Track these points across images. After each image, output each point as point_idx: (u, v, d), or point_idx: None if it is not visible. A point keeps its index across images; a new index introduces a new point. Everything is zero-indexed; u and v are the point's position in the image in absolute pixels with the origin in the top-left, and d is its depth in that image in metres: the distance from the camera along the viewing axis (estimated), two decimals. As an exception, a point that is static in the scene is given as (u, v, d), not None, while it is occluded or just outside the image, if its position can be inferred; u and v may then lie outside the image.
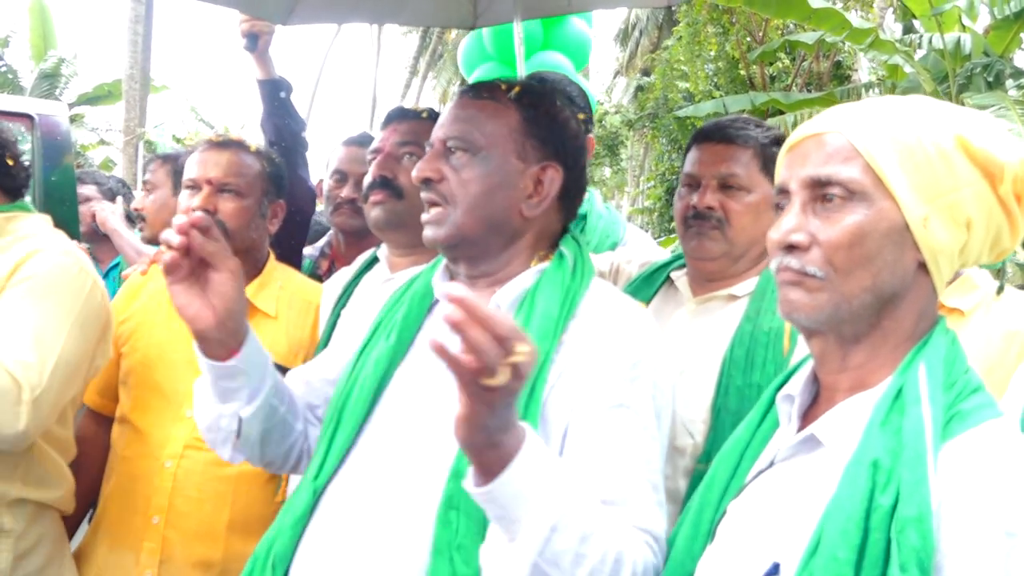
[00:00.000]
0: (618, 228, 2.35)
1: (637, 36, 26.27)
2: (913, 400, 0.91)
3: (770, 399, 1.11)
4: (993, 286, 1.65)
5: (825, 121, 0.99)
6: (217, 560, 1.81)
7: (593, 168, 23.27)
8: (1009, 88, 7.05)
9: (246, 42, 2.44)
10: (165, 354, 1.91)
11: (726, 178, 1.68)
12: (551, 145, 1.35)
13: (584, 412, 1.20)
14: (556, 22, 5.01)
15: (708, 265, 1.73)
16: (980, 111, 0.99)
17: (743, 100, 9.58)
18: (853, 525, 0.85)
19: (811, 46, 9.14)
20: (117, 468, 1.90)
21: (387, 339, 1.35)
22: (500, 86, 1.37)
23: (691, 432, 1.62)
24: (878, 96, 1.17)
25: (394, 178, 1.80)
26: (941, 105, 0.98)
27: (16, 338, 1.54)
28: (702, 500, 1.10)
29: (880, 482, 0.86)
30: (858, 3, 12.78)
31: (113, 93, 18.60)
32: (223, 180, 1.93)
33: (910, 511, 0.83)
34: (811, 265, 0.95)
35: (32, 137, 3.04)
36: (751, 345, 1.60)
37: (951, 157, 0.93)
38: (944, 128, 0.94)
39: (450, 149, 1.32)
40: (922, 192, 0.93)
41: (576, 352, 1.24)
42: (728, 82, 12.82)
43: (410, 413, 1.29)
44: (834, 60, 12.57)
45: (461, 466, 1.16)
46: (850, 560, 0.84)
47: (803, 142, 1.00)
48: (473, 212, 1.30)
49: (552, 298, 1.27)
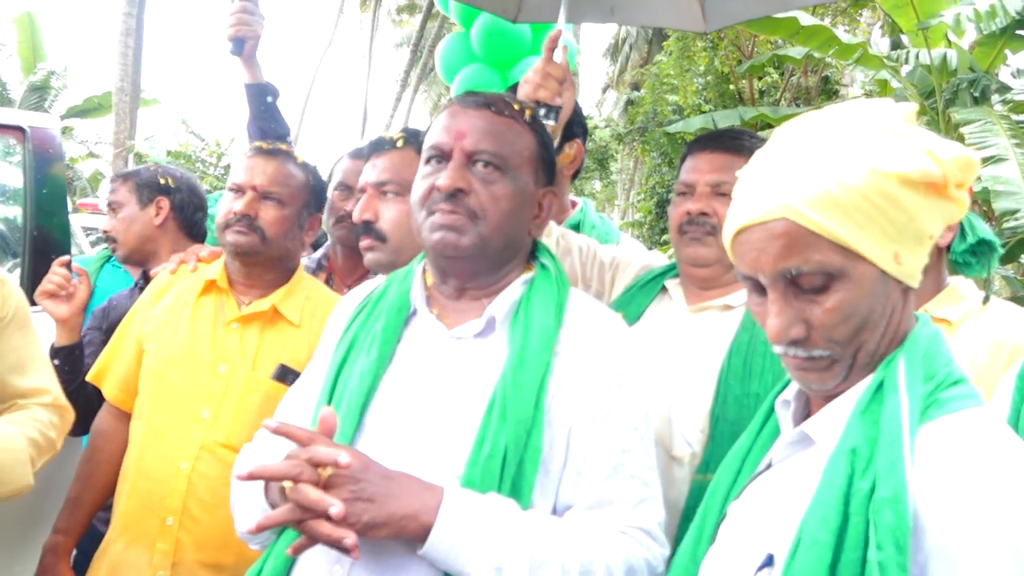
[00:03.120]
0: (611, 237, 2.36)
1: (627, 51, 26.40)
2: (891, 389, 0.92)
3: (770, 406, 1.13)
4: (979, 297, 1.67)
5: (760, 203, 0.95)
6: (229, 564, 1.82)
7: (583, 181, 23.33)
8: (995, 103, 7.13)
9: (232, 46, 2.44)
10: (186, 354, 1.93)
11: (719, 185, 1.71)
12: (551, 171, 1.42)
13: (579, 421, 1.26)
14: (542, 29, 4.87)
15: (702, 271, 1.75)
16: (899, 129, 0.95)
17: (732, 115, 9.63)
18: (832, 510, 0.87)
19: (799, 60, 9.21)
20: (133, 466, 1.91)
21: (368, 353, 1.35)
22: (514, 105, 1.39)
23: (689, 442, 1.63)
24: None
25: (376, 221, 1.75)
26: (863, 140, 0.94)
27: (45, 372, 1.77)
28: (706, 506, 1.13)
29: (859, 468, 0.88)
30: (846, 19, 12.90)
31: (103, 106, 18.58)
32: (267, 188, 1.96)
33: (885, 492, 0.85)
34: (816, 349, 0.96)
35: (23, 150, 3.03)
36: (748, 354, 1.61)
37: (898, 197, 0.92)
38: (881, 170, 0.91)
39: (476, 162, 1.32)
40: (885, 238, 0.93)
41: (570, 362, 1.30)
42: (717, 96, 12.90)
43: (404, 425, 1.28)
44: (822, 75, 12.67)
45: (473, 474, 1.20)
46: (829, 543, 0.86)
47: (749, 230, 0.97)
48: (501, 228, 1.32)
49: (546, 310, 1.31)
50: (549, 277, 1.37)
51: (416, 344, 1.36)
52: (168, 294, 2.06)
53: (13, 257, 3.25)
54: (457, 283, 1.37)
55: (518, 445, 1.20)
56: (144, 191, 2.62)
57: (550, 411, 1.25)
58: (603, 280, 1.91)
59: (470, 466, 1.20)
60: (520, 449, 1.20)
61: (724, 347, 1.65)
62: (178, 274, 2.11)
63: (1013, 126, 6.13)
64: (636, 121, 15.03)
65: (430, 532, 1.12)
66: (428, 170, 1.35)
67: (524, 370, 1.24)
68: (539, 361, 1.25)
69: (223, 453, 1.84)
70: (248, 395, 1.88)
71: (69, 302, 2.21)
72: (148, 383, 1.96)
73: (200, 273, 2.07)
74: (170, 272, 2.13)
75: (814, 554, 0.86)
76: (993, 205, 5.58)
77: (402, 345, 1.36)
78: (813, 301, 0.94)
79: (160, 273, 2.16)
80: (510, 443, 1.20)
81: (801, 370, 0.98)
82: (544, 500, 1.25)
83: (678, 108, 13.39)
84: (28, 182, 2.98)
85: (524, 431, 1.21)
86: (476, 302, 1.36)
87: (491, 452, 1.19)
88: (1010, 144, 5.85)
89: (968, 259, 1.70)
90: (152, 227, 2.60)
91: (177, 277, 2.10)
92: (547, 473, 1.24)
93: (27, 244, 2.97)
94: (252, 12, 2.43)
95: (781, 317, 0.96)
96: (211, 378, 1.90)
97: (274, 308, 1.97)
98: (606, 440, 1.25)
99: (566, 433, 1.26)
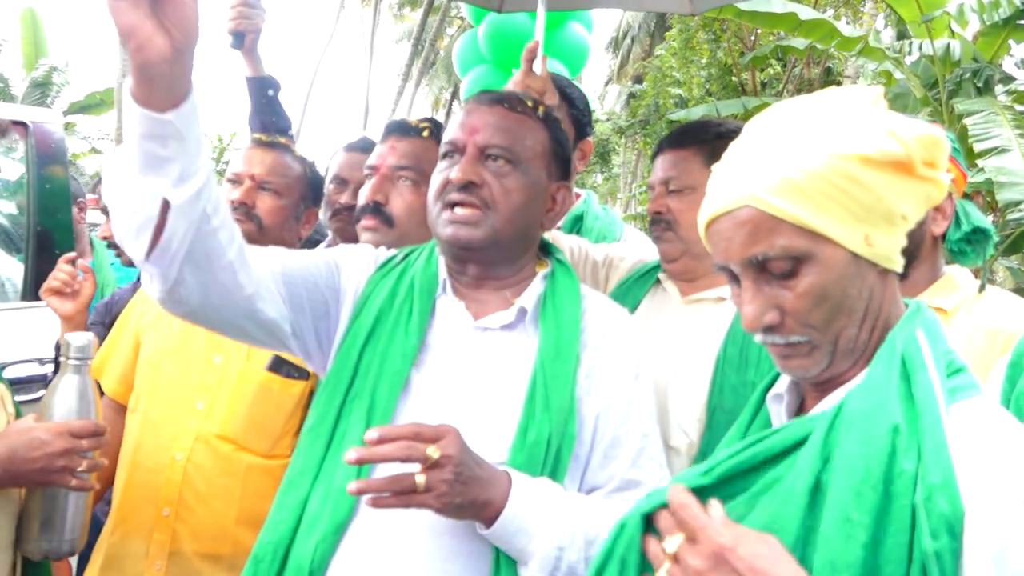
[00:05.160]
0: (615, 228, 2.37)
1: (629, 44, 26.31)
2: (919, 365, 0.92)
3: (759, 399, 1.13)
4: (975, 285, 1.67)
5: (726, 193, 0.97)
6: (226, 554, 1.83)
7: (585, 175, 23.30)
8: (998, 93, 7.10)
9: (232, 40, 2.44)
10: (181, 346, 1.94)
11: (668, 181, 1.76)
12: (565, 166, 1.47)
13: (605, 409, 1.34)
14: (556, 25, 4.81)
15: (673, 266, 1.79)
16: (855, 112, 0.96)
17: (735, 105, 9.62)
18: (869, 488, 0.85)
19: (802, 51, 9.19)
20: (130, 458, 1.92)
21: (403, 337, 1.34)
22: (529, 103, 1.44)
23: (686, 431, 1.64)
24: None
25: (386, 203, 1.75)
26: (822, 123, 0.95)
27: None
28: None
29: (900, 447, 0.86)
30: (849, 10, 12.86)
31: (105, 101, 18.59)
32: (265, 177, 1.99)
33: (936, 478, 0.83)
34: (793, 335, 0.97)
35: (26, 145, 3.04)
36: (744, 343, 1.62)
37: (859, 177, 0.92)
38: (840, 152, 0.92)
39: (488, 156, 1.37)
40: (853, 220, 0.93)
41: (595, 353, 1.37)
42: (720, 88, 12.89)
43: (441, 413, 1.28)
44: (825, 66, 12.64)
45: (518, 459, 1.25)
46: (865, 523, 0.84)
47: (718, 220, 0.98)
48: (512, 220, 1.37)
49: (572, 303, 1.38)
50: (568, 272, 1.44)
51: (444, 332, 1.38)
52: None
53: (17, 252, 3.26)
54: (476, 272, 1.41)
55: (559, 432, 1.27)
56: None
57: (580, 400, 1.33)
58: (597, 279, 1.93)
59: (515, 452, 1.26)
60: (560, 436, 1.28)
61: (719, 337, 1.66)
62: None
63: (1017, 116, 6.10)
64: (638, 114, 15.00)
65: (499, 514, 1.19)
66: (444, 165, 1.41)
67: (560, 360, 1.32)
68: (571, 352, 1.33)
69: (218, 444, 1.85)
70: (243, 386, 1.89)
71: (74, 299, 2.22)
72: (144, 375, 1.97)
73: None
74: None
75: (846, 531, 0.84)
76: (997, 196, 5.55)
77: (430, 332, 1.38)
78: (785, 286, 0.95)
79: None
80: (553, 430, 1.27)
81: (783, 357, 0.99)
82: (572, 484, 1.32)
83: (681, 100, 13.37)
84: (30, 178, 3.00)
85: (563, 419, 1.28)
86: (498, 293, 1.41)
87: (536, 439, 1.26)
88: (1014, 135, 5.82)
89: (964, 247, 1.70)
90: None
91: None
92: (576, 458, 1.32)
93: (30, 239, 2.98)
94: (253, 6, 2.44)
95: (754, 304, 0.97)
96: (206, 369, 1.92)
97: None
98: (631, 426, 1.33)
99: (593, 420, 1.33)
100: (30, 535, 1.56)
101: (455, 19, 23.78)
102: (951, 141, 1.67)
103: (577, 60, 5.11)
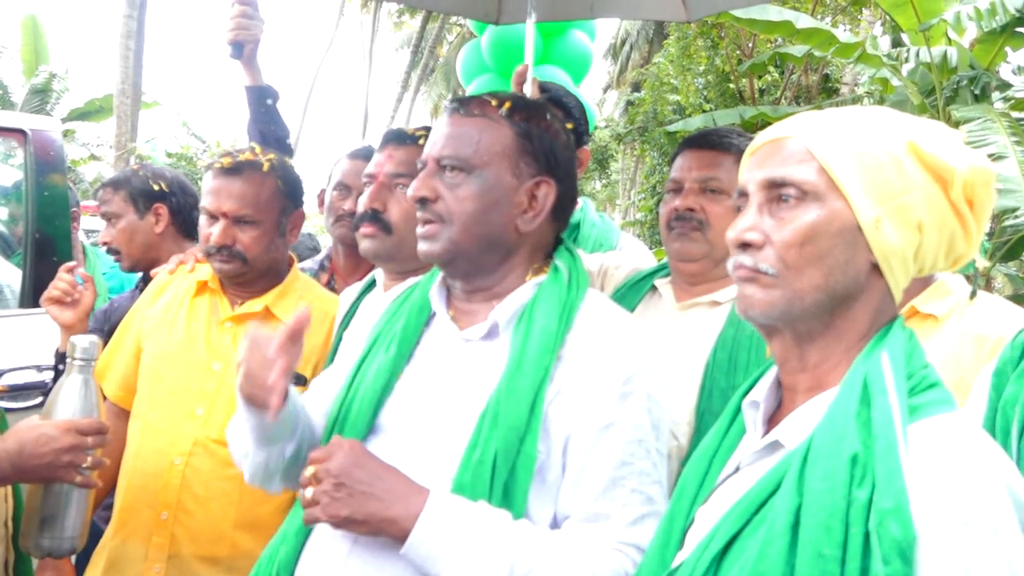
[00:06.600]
0: (611, 236, 2.37)
1: (627, 51, 26.39)
2: (879, 391, 0.91)
3: (736, 406, 1.11)
4: (967, 292, 1.67)
5: (785, 127, 1.02)
6: (223, 557, 1.85)
7: (583, 181, 23.31)
8: (995, 100, 7.12)
9: (231, 50, 2.45)
10: (181, 352, 1.96)
11: (707, 181, 1.74)
12: (544, 160, 1.36)
13: (577, 430, 1.24)
14: (558, 34, 4.86)
15: (690, 267, 1.77)
16: (934, 122, 1.02)
17: (732, 114, 9.63)
18: (837, 521, 0.85)
19: (800, 59, 9.22)
20: (130, 463, 1.94)
21: (387, 351, 1.37)
22: (490, 102, 1.36)
23: (676, 435, 1.64)
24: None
25: (384, 211, 1.78)
26: (898, 115, 1.01)
27: None
28: (673, 509, 1.10)
29: (857, 476, 0.86)
30: (846, 18, 12.89)
31: (104, 108, 18.58)
32: (237, 212, 1.94)
33: (887, 503, 0.83)
34: (764, 263, 0.97)
35: (25, 152, 3.04)
36: (734, 348, 1.62)
37: (902, 161, 0.96)
38: (897, 134, 0.97)
39: (443, 167, 1.33)
40: (874, 194, 0.95)
41: (573, 367, 1.27)
42: (718, 95, 12.89)
43: (412, 424, 1.30)
44: (822, 73, 12.67)
45: (463, 479, 1.20)
46: (836, 556, 0.83)
47: (763, 147, 1.03)
48: (469, 230, 1.32)
49: (550, 313, 1.29)
50: (559, 279, 1.34)
51: (433, 345, 1.38)
52: (166, 293, 2.09)
53: (15, 259, 3.26)
54: (462, 284, 1.39)
55: (509, 451, 1.20)
56: (140, 200, 2.62)
57: (548, 418, 1.24)
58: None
59: (461, 471, 1.21)
60: (512, 455, 1.20)
61: (710, 342, 1.67)
62: (176, 274, 2.14)
63: (1013, 123, 6.11)
64: (636, 121, 15.02)
65: (407, 536, 1.17)
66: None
67: (520, 375, 1.23)
68: (537, 366, 1.24)
69: (216, 448, 1.86)
70: None
71: (74, 308, 2.22)
72: (145, 381, 1.99)
73: (195, 274, 2.10)
74: (169, 272, 2.16)
75: (820, 567, 0.83)
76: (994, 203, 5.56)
77: (421, 345, 1.39)
78: (782, 219, 0.97)
79: (159, 273, 2.20)
80: (500, 449, 1.19)
81: (744, 281, 1.00)
82: (542, 509, 1.24)
83: (679, 107, 13.39)
84: (29, 185, 3.00)
85: (516, 437, 1.20)
86: (486, 304, 1.37)
87: (481, 458, 1.20)
88: (1010, 142, 5.83)
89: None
90: (154, 235, 2.62)
91: (175, 277, 2.14)
92: (543, 481, 1.23)
93: (28, 246, 2.99)
94: (251, 16, 2.44)
95: (748, 218, 1.00)
96: (205, 376, 1.93)
97: (266, 308, 2.00)
98: (604, 452, 1.22)
99: (563, 441, 1.24)
100: (32, 532, 1.58)
101: (454, 26, 23.83)
102: None
103: (580, 68, 5.10)
